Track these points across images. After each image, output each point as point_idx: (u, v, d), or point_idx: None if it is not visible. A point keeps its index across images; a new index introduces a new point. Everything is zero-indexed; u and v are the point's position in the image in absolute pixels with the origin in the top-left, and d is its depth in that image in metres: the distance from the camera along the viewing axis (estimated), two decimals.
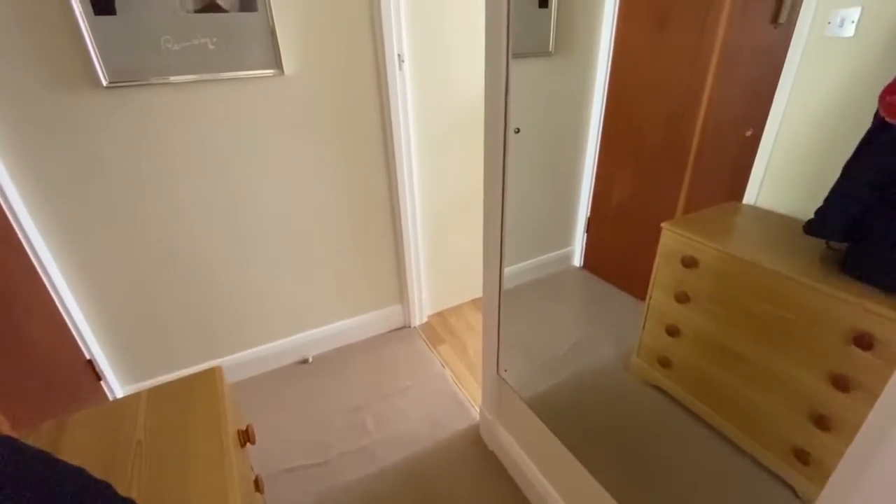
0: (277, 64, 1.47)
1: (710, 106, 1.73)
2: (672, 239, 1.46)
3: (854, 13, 1.22)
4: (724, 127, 1.71)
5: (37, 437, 0.77)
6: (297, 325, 1.93)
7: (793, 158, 1.43)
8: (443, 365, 1.92)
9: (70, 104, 1.29)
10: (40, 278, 1.39)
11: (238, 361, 1.86)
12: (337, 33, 1.54)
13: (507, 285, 2.40)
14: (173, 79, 1.35)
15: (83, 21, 1.20)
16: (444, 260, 2.17)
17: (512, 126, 1.00)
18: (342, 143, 1.71)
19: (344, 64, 1.59)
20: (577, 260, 2.65)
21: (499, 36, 0.96)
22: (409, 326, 2.16)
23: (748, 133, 1.63)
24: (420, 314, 2.17)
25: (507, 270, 2.37)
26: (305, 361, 1.97)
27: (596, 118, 2.23)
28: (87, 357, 1.56)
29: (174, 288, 1.64)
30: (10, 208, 1.28)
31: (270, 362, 1.93)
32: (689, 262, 1.40)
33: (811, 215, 1.21)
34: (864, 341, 1.02)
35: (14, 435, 0.73)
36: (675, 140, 1.89)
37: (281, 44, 1.45)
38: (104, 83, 1.28)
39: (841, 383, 1.08)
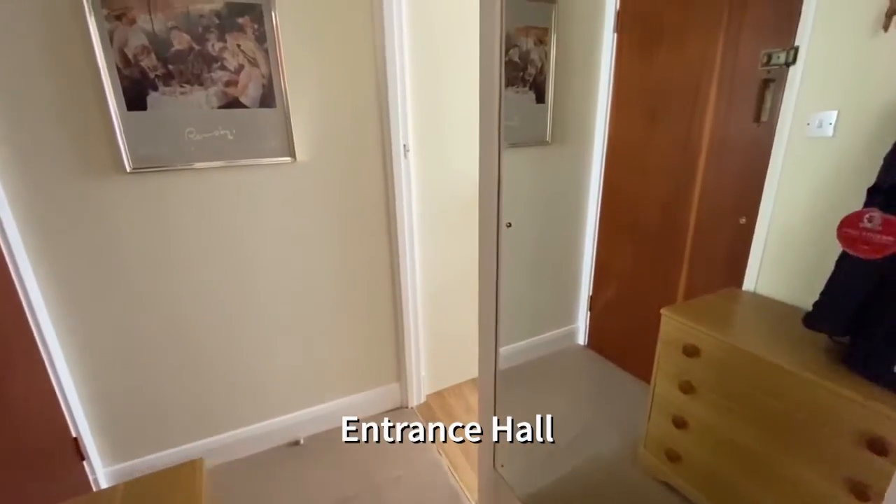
0: (291, 152, 1.58)
1: (702, 194, 1.80)
2: (672, 326, 1.44)
3: (831, 116, 1.30)
4: (718, 214, 1.76)
5: None
6: (291, 404, 1.88)
7: (788, 248, 1.45)
8: (439, 452, 1.83)
9: (93, 187, 1.38)
10: (39, 351, 1.39)
11: (227, 441, 1.79)
12: (347, 124, 1.67)
13: (509, 364, 2.35)
14: (192, 165, 1.45)
15: (116, 115, 1.32)
16: (443, 338, 2.15)
17: (505, 219, 1.04)
18: (347, 225, 1.78)
19: (352, 152, 1.70)
20: (582, 338, 2.61)
21: (491, 131, 1.03)
22: (407, 407, 2.09)
23: (742, 221, 1.67)
24: (418, 393, 2.11)
25: (510, 348, 2.34)
26: (297, 443, 1.89)
27: (594, 201, 2.32)
28: (74, 435, 1.52)
29: (169, 364, 1.63)
30: (21, 280, 1.32)
31: (261, 442, 1.85)
32: (691, 351, 1.37)
33: (811, 305, 1.20)
34: (878, 446, 0.96)
35: None
36: (671, 224, 1.94)
37: (295, 134, 1.57)
38: (127, 169, 1.37)
39: (860, 492, 1.01)
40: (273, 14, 1.43)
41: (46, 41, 1.23)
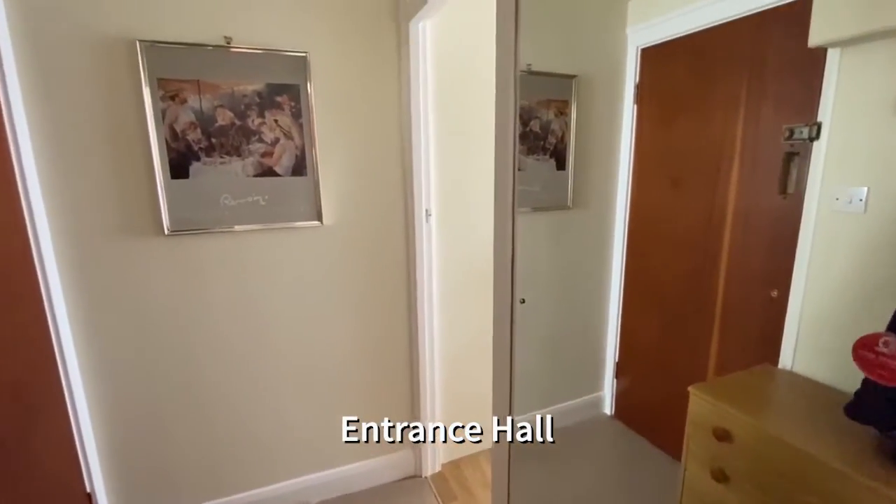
0: (318, 216, 1.65)
1: (730, 264, 1.75)
2: (702, 406, 1.36)
3: (861, 192, 1.26)
4: (748, 286, 1.70)
5: None
6: (303, 468, 1.84)
7: (825, 324, 1.37)
8: None
9: (133, 247, 1.47)
10: (66, 401, 1.44)
11: (238, 503, 1.75)
12: (372, 190, 1.75)
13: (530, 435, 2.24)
14: (226, 228, 1.54)
15: (161, 183, 1.43)
16: (461, 404, 2.08)
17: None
18: (368, 287, 1.81)
19: (376, 216, 1.77)
20: (608, 406, 2.48)
21: (505, 209, 1.06)
22: (420, 476, 2.00)
23: (773, 294, 1.60)
24: (433, 462, 2.02)
25: (530, 416, 2.23)
26: None
27: (618, 264, 2.28)
28: (88, 490, 1.52)
29: (185, 422, 1.64)
30: (57, 329, 1.39)
31: None
32: (723, 435, 1.27)
33: (853, 389, 1.11)
34: None
35: None
36: (698, 293, 1.88)
37: (323, 200, 1.65)
38: (166, 232, 1.47)
39: None
40: (309, 92, 1.55)
41: (107, 114, 1.37)
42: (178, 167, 1.45)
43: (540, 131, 2.02)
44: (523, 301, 1.06)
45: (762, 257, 1.66)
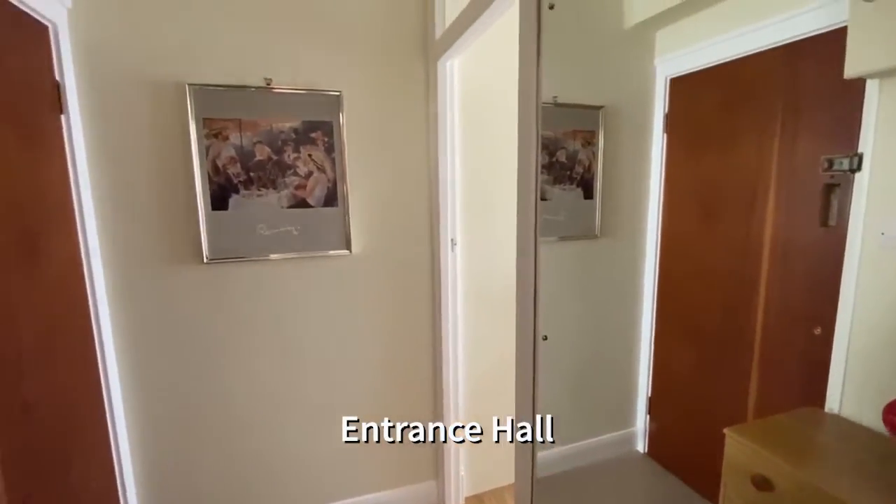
0: (347, 245, 1.70)
1: (768, 298, 1.67)
2: (739, 450, 1.28)
3: None
4: (788, 322, 1.61)
5: None
6: (326, 495, 1.84)
7: (873, 366, 1.28)
8: None
9: (173, 273, 1.56)
10: (106, 423, 1.51)
11: None
12: (398, 220, 1.79)
13: (559, 468, 2.17)
14: (260, 256, 1.61)
15: (202, 214, 1.52)
16: (484, 437, 2.05)
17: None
18: (394, 315, 1.84)
19: (402, 244, 1.81)
20: (641, 444, 2.37)
21: (527, 237, 1.06)
22: None
23: (817, 331, 1.52)
24: (456, 495, 1.98)
25: (558, 451, 2.17)
26: None
27: (649, 295, 2.22)
28: None
29: (216, 446, 1.68)
30: (102, 352, 1.47)
31: None
32: (762, 484, 1.20)
33: None
34: None
35: None
36: (734, 328, 1.80)
37: (352, 230, 1.71)
38: (205, 260, 1.55)
39: None
40: (342, 128, 1.63)
41: (156, 151, 1.48)
42: (219, 199, 1.53)
43: (566, 161, 2.03)
44: (545, 338, 1.05)
45: (803, 292, 1.58)
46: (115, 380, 1.52)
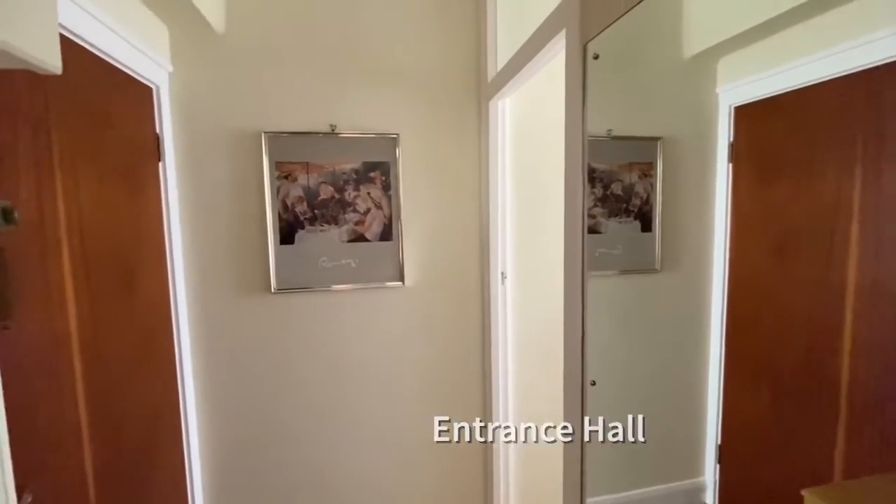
0: (401, 277, 1.77)
1: (856, 345, 1.50)
2: None
3: None
4: (884, 374, 1.44)
5: None
6: None
7: None
8: None
9: (244, 302, 1.71)
10: (182, 437, 1.65)
11: None
12: (450, 253, 1.84)
13: None
14: (323, 288, 1.72)
15: (272, 248, 1.66)
16: (536, 476, 1.98)
17: (590, 376, 1.02)
18: (445, 345, 1.87)
19: (454, 277, 1.85)
20: (711, 496, 2.17)
21: (574, 277, 1.06)
22: None
23: None
24: None
25: (612, 498, 2.05)
26: None
27: (717, 334, 2.07)
28: None
29: (276, 467, 1.78)
30: (181, 368, 1.63)
31: None
32: None
33: None
34: None
35: None
36: (816, 376, 1.63)
37: (405, 263, 1.78)
38: (272, 290, 1.68)
39: None
40: (398, 167, 1.72)
41: (235, 192, 1.66)
42: (287, 234, 1.67)
43: (622, 193, 1.98)
44: (594, 383, 1.02)
45: None
46: (191, 397, 1.68)
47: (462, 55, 1.79)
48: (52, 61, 0.72)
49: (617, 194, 1.98)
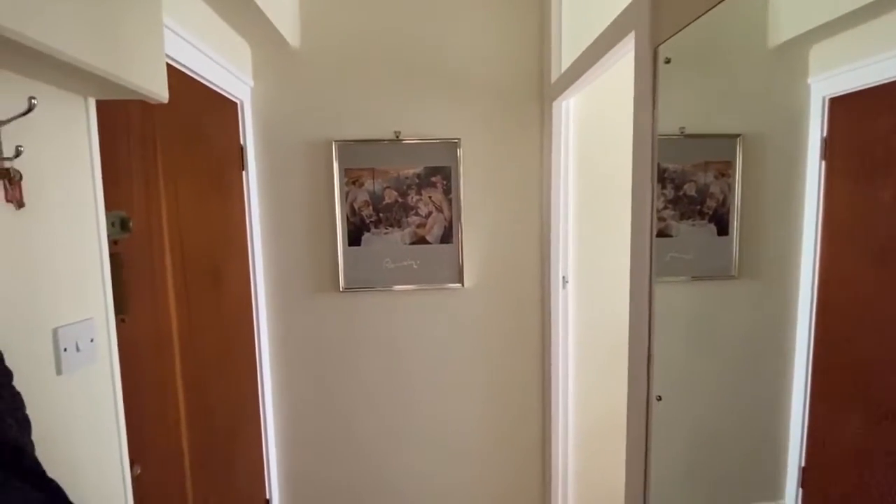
0: (460, 279, 1.80)
1: None
2: None
3: None
4: None
5: None
6: None
7: None
8: None
9: (317, 299, 1.82)
10: (260, 423, 1.81)
11: None
12: (510, 256, 1.84)
13: None
14: (386, 287, 1.80)
15: (341, 250, 1.76)
16: (596, 485, 1.94)
17: (655, 392, 0.98)
18: (503, 350, 1.88)
19: (513, 281, 1.84)
20: None
21: (641, 279, 1.02)
22: None
23: None
24: None
25: None
26: None
27: (802, 350, 1.90)
28: (266, 497, 1.85)
29: (340, 454, 1.89)
30: (260, 359, 1.78)
31: None
32: None
33: None
34: None
35: None
36: None
37: (465, 265, 1.80)
38: (341, 289, 1.78)
39: None
40: (459, 171, 1.75)
41: (308, 197, 1.77)
42: (354, 237, 1.76)
43: (696, 195, 1.87)
44: (659, 398, 0.98)
45: None
46: (268, 388, 1.82)
47: (525, 56, 1.78)
48: (160, 91, 0.81)
49: (690, 195, 1.87)
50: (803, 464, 1.96)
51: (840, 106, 1.81)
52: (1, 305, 0.68)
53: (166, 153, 1.20)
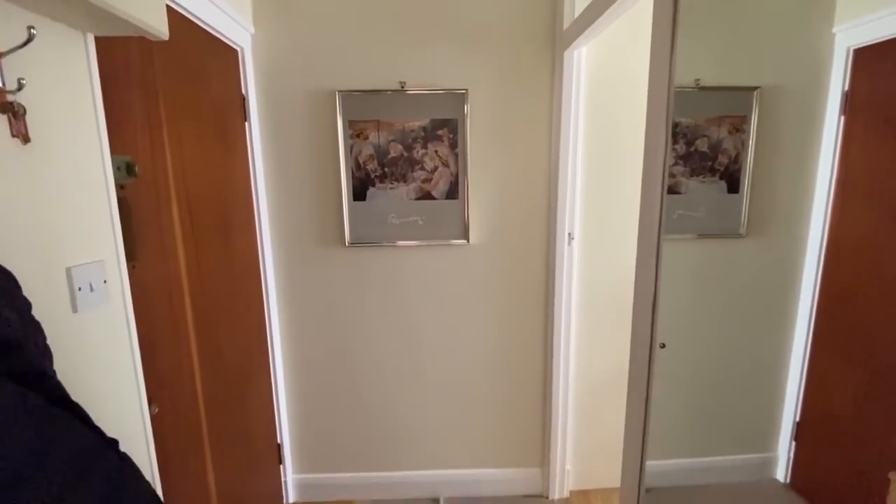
0: (465, 236, 1.80)
1: None
2: None
3: None
4: None
5: None
6: (436, 461, 2.02)
7: None
8: None
9: (323, 254, 1.83)
10: (270, 371, 1.86)
11: (378, 481, 2.02)
12: (516, 212, 1.83)
13: (674, 481, 2.03)
14: (390, 243, 1.80)
15: (346, 205, 1.75)
16: (594, 434, 2.01)
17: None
18: (507, 305, 1.90)
19: (519, 237, 1.84)
20: (782, 472, 2.08)
21: (650, 232, 1.02)
22: (547, 497, 2.00)
23: None
24: (561, 487, 2.00)
25: (675, 462, 2.03)
26: (437, 501, 2.00)
27: (805, 309, 1.91)
28: (278, 441, 1.94)
29: (348, 401, 1.96)
30: (269, 308, 1.82)
31: (406, 490, 2.02)
32: None
33: None
34: None
35: None
36: None
37: (470, 221, 1.80)
38: (346, 244, 1.79)
39: None
40: (466, 124, 1.71)
41: (312, 150, 1.75)
42: (359, 192, 1.75)
43: (708, 151, 1.83)
44: (663, 345, 1.00)
45: None
46: (277, 337, 1.87)
47: (535, 2, 1.69)
48: (160, 27, 0.79)
49: (702, 151, 1.83)
50: (798, 418, 2.02)
51: (866, 57, 1.74)
52: (15, 240, 0.69)
53: (168, 100, 1.18)
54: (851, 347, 1.76)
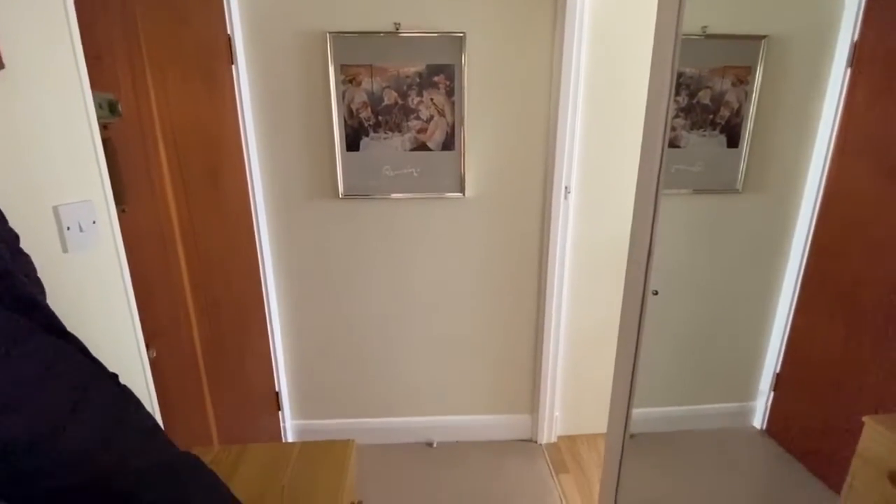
0: (461, 188, 1.78)
1: None
2: (878, 442, 1.13)
3: None
4: None
5: (227, 454, 1.06)
6: (429, 408, 2.09)
7: None
8: (561, 499, 1.79)
9: (316, 206, 1.81)
10: (266, 320, 1.88)
11: (374, 426, 2.10)
12: (513, 165, 1.80)
13: (658, 428, 2.13)
14: (385, 195, 1.78)
15: (339, 155, 1.71)
16: (583, 382, 2.08)
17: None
18: (502, 257, 1.90)
19: (515, 191, 1.82)
20: (760, 420, 2.19)
21: (649, 181, 1.01)
22: (536, 442, 2.10)
23: None
24: (549, 432, 2.09)
25: (660, 410, 2.12)
26: (431, 445, 2.09)
27: (795, 263, 1.94)
28: (276, 389, 1.99)
29: (344, 349, 2.00)
30: (264, 265, 1.82)
31: (400, 435, 2.11)
32: None
33: None
34: None
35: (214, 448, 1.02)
36: None
37: (466, 173, 1.77)
38: (340, 195, 1.76)
39: None
40: (463, 70, 1.65)
41: (303, 96, 1.68)
42: (352, 141, 1.70)
43: (710, 103, 1.79)
44: (656, 293, 1.01)
45: None
46: (272, 287, 1.88)
47: None
48: None
49: (704, 104, 1.79)
50: (778, 370, 2.09)
51: (878, 6, 1.67)
52: None
53: (149, 37, 1.11)
54: (834, 301, 1.80)
